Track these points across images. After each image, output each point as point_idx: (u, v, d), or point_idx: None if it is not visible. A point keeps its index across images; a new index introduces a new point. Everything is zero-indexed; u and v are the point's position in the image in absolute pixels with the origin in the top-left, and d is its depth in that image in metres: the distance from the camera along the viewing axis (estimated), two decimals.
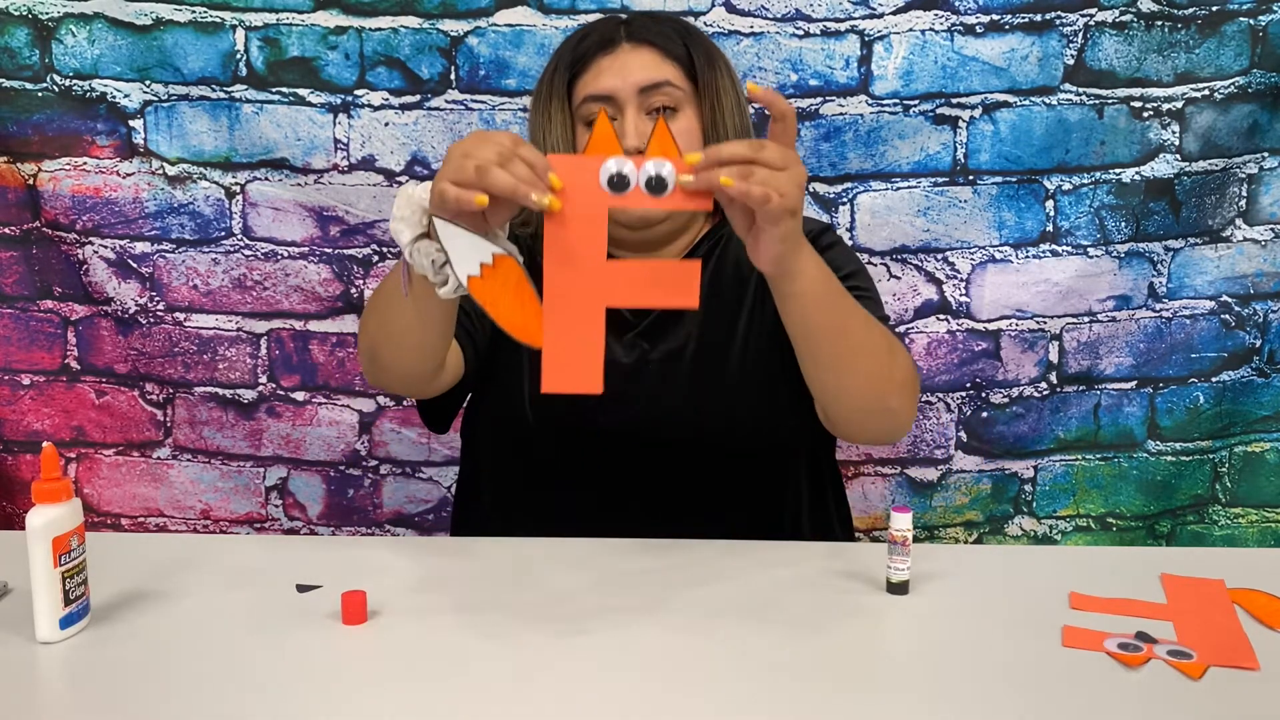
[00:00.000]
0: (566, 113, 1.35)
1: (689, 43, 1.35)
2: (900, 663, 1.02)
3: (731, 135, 1.36)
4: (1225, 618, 1.08)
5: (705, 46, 1.37)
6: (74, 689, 0.99)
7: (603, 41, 1.34)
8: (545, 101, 1.36)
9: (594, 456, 1.33)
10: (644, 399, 1.33)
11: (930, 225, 1.79)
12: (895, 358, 1.22)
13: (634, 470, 1.32)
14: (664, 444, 1.32)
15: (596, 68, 1.33)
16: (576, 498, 1.35)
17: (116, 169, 1.80)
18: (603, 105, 1.30)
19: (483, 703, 0.93)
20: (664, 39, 1.34)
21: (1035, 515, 1.90)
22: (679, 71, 1.33)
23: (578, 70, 1.34)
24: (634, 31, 1.35)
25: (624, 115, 1.31)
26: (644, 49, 1.33)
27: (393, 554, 1.25)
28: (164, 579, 1.16)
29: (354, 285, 1.83)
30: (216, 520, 1.92)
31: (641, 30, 1.35)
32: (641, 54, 1.33)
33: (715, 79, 1.35)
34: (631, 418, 1.32)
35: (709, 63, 1.35)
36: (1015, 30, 1.73)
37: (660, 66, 1.32)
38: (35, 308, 1.86)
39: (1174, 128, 1.77)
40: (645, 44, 1.33)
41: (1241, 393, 1.87)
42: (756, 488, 1.36)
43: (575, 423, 1.31)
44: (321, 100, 1.77)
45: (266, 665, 0.99)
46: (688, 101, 1.33)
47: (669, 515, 1.29)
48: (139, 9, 1.75)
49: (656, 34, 1.35)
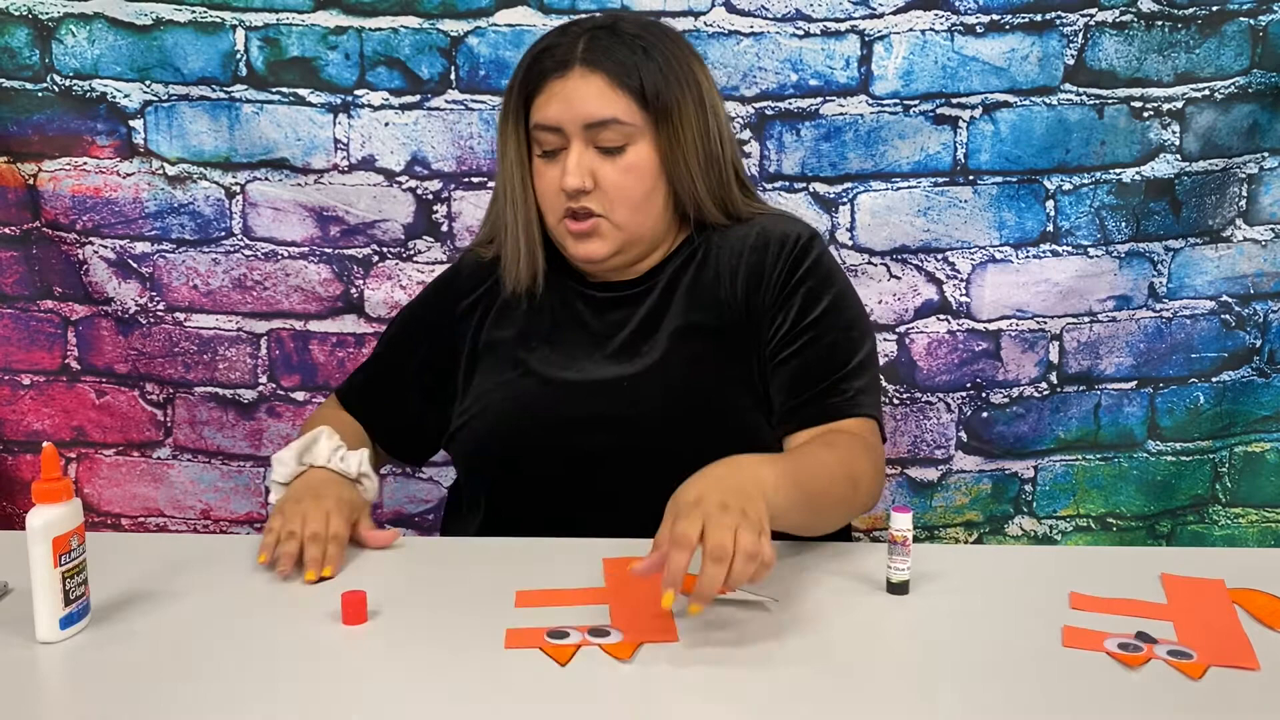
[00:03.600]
0: (520, 133, 1.32)
1: (645, 69, 1.28)
2: (900, 663, 1.02)
3: (694, 165, 1.31)
4: (1225, 618, 1.08)
5: (670, 70, 1.29)
6: (74, 689, 0.99)
7: (556, 63, 1.28)
8: (504, 118, 1.34)
9: (575, 476, 1.31)
10: (621, 417, 1.31)
11: (930, 225, 1.79)
12: (858, 487, 1.22)
13: (613, 489, 1.30)
14: (643, 460, 1.29)
15: (548, 91, 1.28)
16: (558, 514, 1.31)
17: (116, 169, 1.80)
18: (551, 133, 1.28)
19: (483, 703, 0.93)
20: (618, 66, 1.27)
21: (1035, 515, 1.90)
22: (630, 102, 1.27)
23: (532, 89, 1.30)
24: (590, 55, 1.27)
25: (570, 148, 1.27)
26: (594, 77, 1.27)
27: (393, 554, 1.25)
28: (164, 579, 1.16)
29: (354, 285, 1.83)
30: (216, 520, 1.92)
31: (599, 54, 1.27)
32: (591, 83, 1.27)
33: (672, 101, 1.28)
34: (610, 436, 1.30)
35: (666, 83, 1.28)
36: (1015, 30, 1.73)
37: (609, 99, 1.26)
38: (35, 308, 1.86)
39: (1174, 128, 1.77)
40: (597, 70, 1.27)
41: (1241, 393, 1.87)
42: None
43: (553, 443, 1.30)
44: (321, 100, 1.77)
45: (266, 665, 0.99)
46: (640, 134, 1.28)
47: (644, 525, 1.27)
48: (139, 9, 1.75)
49: (612, 60, 1.27)
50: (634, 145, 1.28)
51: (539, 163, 1.32)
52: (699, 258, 1.36)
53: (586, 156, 1.27)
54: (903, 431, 1.86)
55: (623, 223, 1.30)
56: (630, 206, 1.30)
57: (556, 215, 1.32)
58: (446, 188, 1.80)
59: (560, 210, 1.30)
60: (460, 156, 1.79)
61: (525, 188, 1.33)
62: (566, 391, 1.34)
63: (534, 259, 1.35)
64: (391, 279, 1.82)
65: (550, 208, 1.32)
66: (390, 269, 1.82)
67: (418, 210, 1.80)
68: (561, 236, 1.33)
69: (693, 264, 1.36)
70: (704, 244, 1.36)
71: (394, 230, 1.81)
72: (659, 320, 1.35)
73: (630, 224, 1.31)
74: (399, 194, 1.80)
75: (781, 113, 1.76)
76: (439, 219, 1.81)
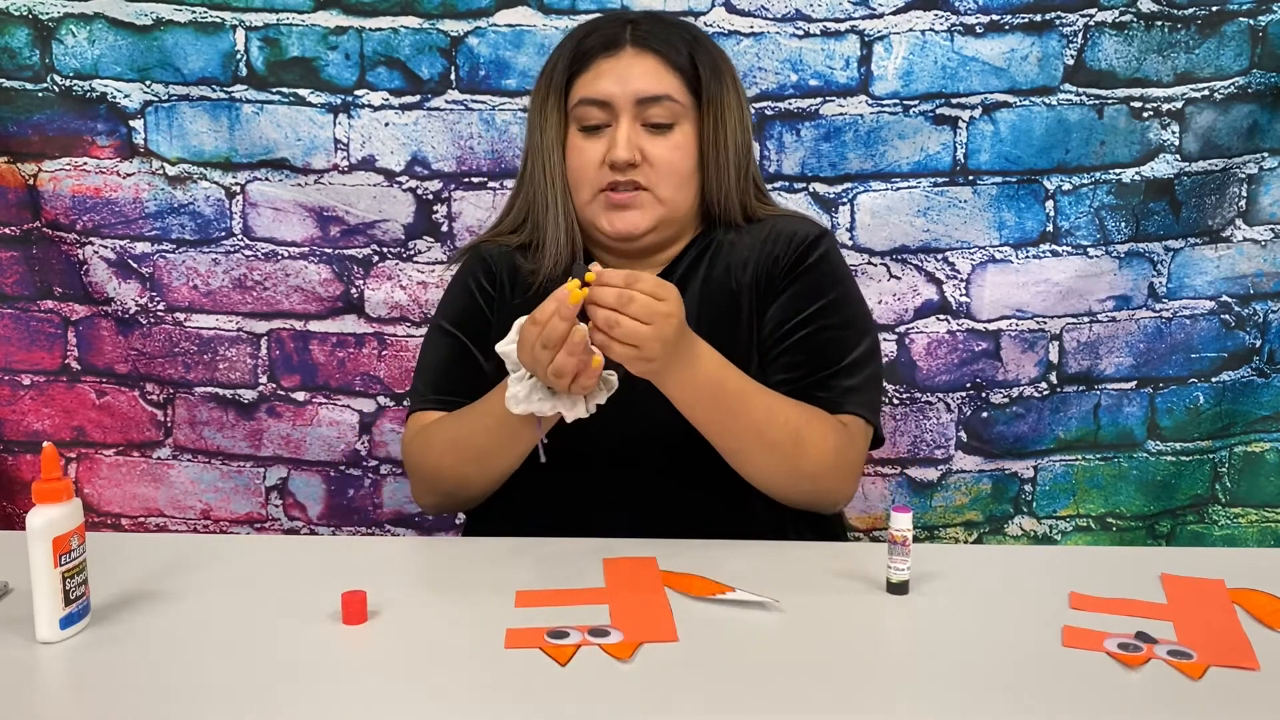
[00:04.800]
0: (561, 111, 1.34)
1: (695, 52, 1.33)
2: (900, 663, 1.02)
3: (732, 151, 1.34)
4: (1225, 618, 1.08)
5: (713, 57, 1.35)
6: (74, 689, 0.99)
7: (606, 42, 1.32)
8: (543, 98, 1.35)
9: (590, 472, 1.31)
10: (634, 413, 1.30)
11: (930, 225, 1.79)
12: (803, 449, 1.22)
13: (627, 484, 1.30)
14: (657, 455, 1.30)
15: (596, 69, 1.31)
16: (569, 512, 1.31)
17: (117, 169, 1.80)
18: (598, 107, 1.29)
19: (483, 703, 0.93)
20: (669, 47, 1.32)
21: (1035, 515, 1.90)
22: (680, 84, 1.31)
23: (577, 69, 1.32)
24: (640, 35, 1.32)
25: (618, 123, 1.29)
26: (647, 56, 1.31)
27: (393, 554, 1.26)
28: (164, 579, 1.16)
29: (354, 285, 1.83)
30: (216, 520, 1.92)
31: (647, 35, 1.32)
32: (644, 61, 1.31)
33: (720, 94, 1.32)
34: (623, 432, 1.30)
35: (715, 76, 1.33)
36: (1015, 30, 1.73)
37: (662, 77, 1.30)
38: (35, 308, 1.86)
39: (1174, 128, 1.77)
40: (649, 50, 1.31)
41: (1241, 393, 1.87)
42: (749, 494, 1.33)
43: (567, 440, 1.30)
44: (321, 100, 1.77)
45: (266, 665, 0.99)
46: (686, 116, 1.31)
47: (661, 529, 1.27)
48: (139, 9, 1.75)
49: (662, 41, 1.32)
50: (680, 125, 1.31)
51: (577, 139, 1.32)
52: (710, 254, 1.38)
53: (635, 132, 1.29)
54: (903, 431, 1.86)
55: (666, 198, 1.32)
56: (675, 183, 1.32)
57: (592, 190, 1.32)
58: (446, 188, 1.80)
59: (597, 185, 1.32)
60: (460, 156, 1.79)
61: (563, 165, 1.35)
62: None
63: (574, 235, 1.36)
64: (391, 279, 1.82)
65: (586, 182, 1.32)
66: (390, 269, 1.82)
67: (418, 210, 1.80)
68: (595, 214, 1.33)
69: (704, 260, 1.38)
70: (716, 241, 1.38)
71: (394, 230, 1.81)
72: None
73: (672, 200, 1.33)
74: (399, 194, 1.80)
75: (781, 113, 1.76)
76: (439, 219, 1.81)
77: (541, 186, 1.36)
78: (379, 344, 1.84)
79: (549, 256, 1.36)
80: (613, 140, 1.29)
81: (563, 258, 1.36)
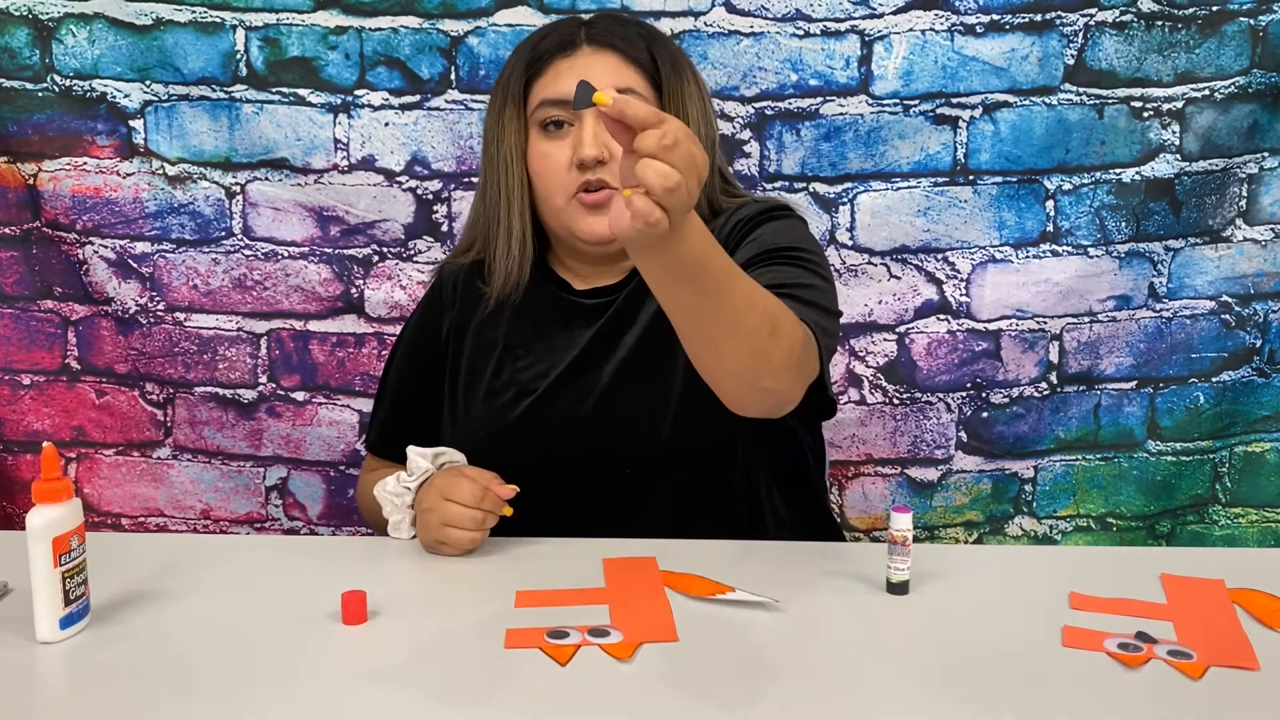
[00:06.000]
0: (521, 118, 1.31)
1: (653, 47, 1.30)
2: (900, 663, 1.02)
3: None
4: (1225, 618, 1.08)
5: (670, 51, 1.32)
6: (74, 689, 0.99)
7: (562, 43, 1.29)
8: (500, 107, 1.32)
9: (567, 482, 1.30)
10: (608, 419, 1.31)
11: (930, 225, 1.79)
12: (777, 340, 1.08)
13: (606, 491, 1.30)
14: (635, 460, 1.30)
15: (554, 70, 1.28)
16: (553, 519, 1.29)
17: (116, 169, 1.80)
18: (558, 107, 1.27)
19: (483, 703, 0.93)
20: (627, 43, 1.29)
21: (1035, 515, 1.90)
22: (641, 78, 1.28)
23: (534, 72, 1.29)
24: (595, 34, 1.29)
25: (581, 121, 1.25)
26: (605, 53, 1.28)
27: (393, 554, 1.25)
28: (164, 579, 1.16)
29: (354, 285, 1.83)
30: (216, 520, 1.92)
31: (604, 33, 1.29)
32: (603, 58, 1.28)
33: (680, 86, 1.30)
34: (599, 439, 1.30)
35: (674, 70, 1.30)
36: (1015, 30, 1.73)
37: (621, 72, 1.27)
38: (35, 308, 1.86)
39: (1174, 128, 1.77)
40: (607, 47, 1.28)
41: (1241, 393, 1.87)
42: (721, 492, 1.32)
43: (544, 450, 1.30)
44: (321, 100, 1.77)
45: (266, 665, 0.99)
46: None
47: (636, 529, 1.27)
48: (139, 9, 1.75)
49: (619, 37, 1.29)
50: None
51: (542, 144, 1.29)
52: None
53: (599, 128, 1.24)
54: (903, 431, 1.86)
55: None
56: None
57: (566, 195, 1.28)
58: (446, 188, 1.80)
59: (570, 190, 1.28)
60: (460, 156, 1.79)
61: (522, 176, 1.31)
62: (553, 397, 1.33)
63: (525, 249, 1.33)
64: (391, 279, 1.83)
65: (558, 187, 1.29)
66: (390, 269, 1.82)
67: (418, 210, 1.80)
68: (572, 218, 1.29)
69: None
70: None
71: (394, 230, 1.81)
72: (635, 314, 1.33)
73: None
74: (399, 194, 1.80)
75: (781, 113, 1.76)
76: (439, 219, 1.81)
77: (494, 199, 1.33)
78: (379, 344, 1.84)
79: (500, 270, 1.34)
80: (578, 139, 1.26)
81: (513, 272, 1.33)
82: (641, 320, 1.33)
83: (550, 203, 1.31)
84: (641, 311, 1.34)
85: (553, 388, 1.34)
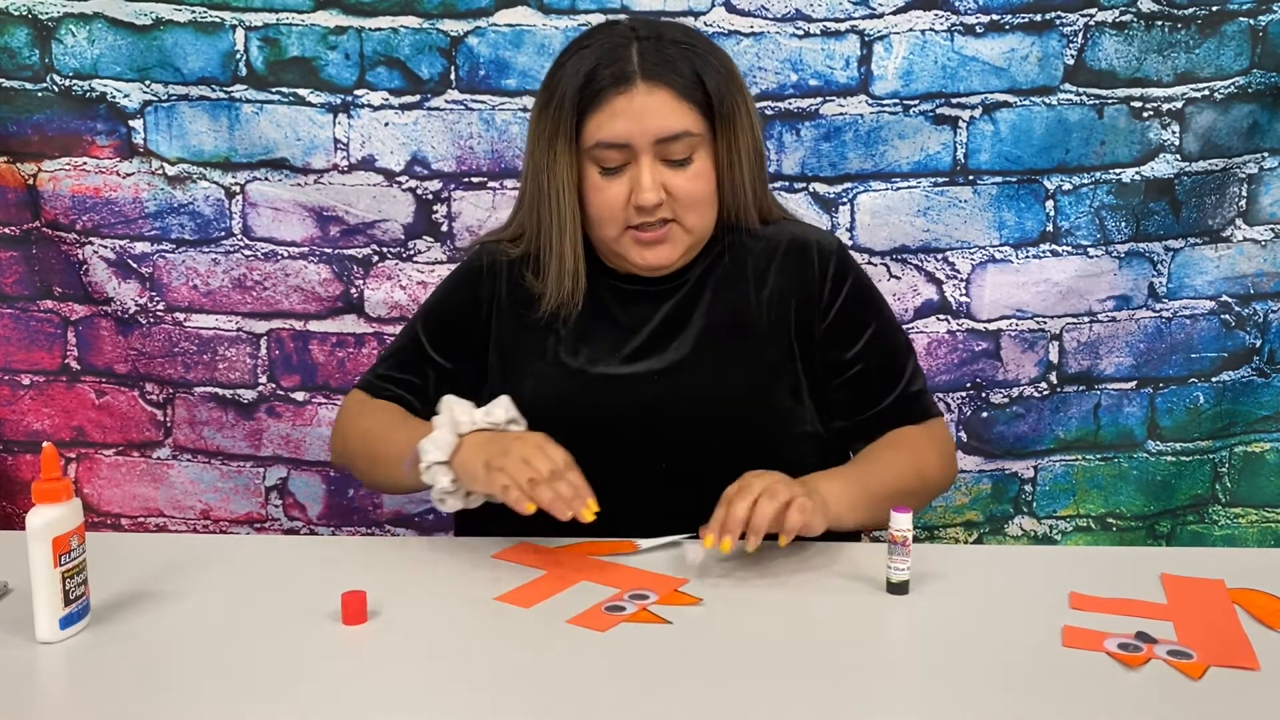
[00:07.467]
0: (573, 152, 1.30)
1: (702, 71, 1.29)
2: (900, 663, 1.02)
3: (747, 169, 1.33)
4: (1225, 618, 1.08)
5: (714, 67, 1.31)
6: (74, 689, 0.99)
7: (616, 77, 1.27)
8: (549, 134, 1.30)
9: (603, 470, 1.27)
10: (649, 411, 1.32)
11: (930, 225, 1.79)
12: (927, 482, 1.36)
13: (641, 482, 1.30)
14: (671, 454, 1.31)
15: (610, 109, 1.27)
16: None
17: (116, 169, 1.80)
18: (617, 150, 1.27)
19: (483, 703, 0.93)
20: (681, 80, 1.28)
21: (1035, 515, 1.90)
22: (696, 115, 1.28)
23: (588, 105, 1.28)
24: (650, 67, 1.27)
25: (638, 163, 1.27)
26: (660, 91, 1.27)
27: (393, 554, 1.26)
28: (164, 579, 1.16)
29: (354, 285, 1.83)
30: (216, 520, 1.92)
31: (659, 65, 1.27)
32: (658, 96, 1.27)
33: (732, 109, 1.30)
34: (638, 430, 1.31)
35: (724, 91, 1.30)
36: (1015, 30, 1.73)
37: (678, 113, 1.27)
38: (35, 308, 1.86)
39: (1174, 128, 1.77)
40: (660, 84, 1.27)
41: (1241, 393, 1.87)
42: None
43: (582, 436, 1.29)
44: (321, 100, 1.77)
45: (266, 665, 0.99)
46: (703, 143, 1.29)
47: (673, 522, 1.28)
48: (139, 9, 1.75)
49: (674, 72, 1.28)
50: (698, 153, 1.30)
51: (597, 179, 1.30)
52: (726, 257, 1.38)
53: (656, 170, 1.28)
54: None
55: (693, 226, 1.32)
56: (700, 211, 1.32)
57: (618, 228, 1.31)
58: (446, 188, 1.80)
59: (624, 223, 1.31)
60: (460, 156, 1.79)
61: (574, 208, 1.32)
62: (595, 384, 1.35)
63: (579, 280, 1.35)
64: (391, 279, 1.82)
65: (611, 220, 1.31)
66: (390, 269, 1.82)
67: (417, 210, 1.80)
68: (625, 249, 1.32)
69: (721, 263, 1.38)
70: (730, 244, 1.38)
71: (394, 230, 1.81)
72: (688, 316, 1.37)
73: (699, 228, 1.33)
74: (399, 194, 1.80)
75: (781, 113, 1.76)
76: (439, 219, 1.81)
77: (546, 225, 1.34)
78: (379, 344, 1.84)
79: (552, 294, 1.35)
80: (636, 183, 1.27)
81: (566, 299, 1.35)
82: (690, 313, 1.36)
83: (604, 230, 1.33)
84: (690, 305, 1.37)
85: (596, 374, 1.35)
